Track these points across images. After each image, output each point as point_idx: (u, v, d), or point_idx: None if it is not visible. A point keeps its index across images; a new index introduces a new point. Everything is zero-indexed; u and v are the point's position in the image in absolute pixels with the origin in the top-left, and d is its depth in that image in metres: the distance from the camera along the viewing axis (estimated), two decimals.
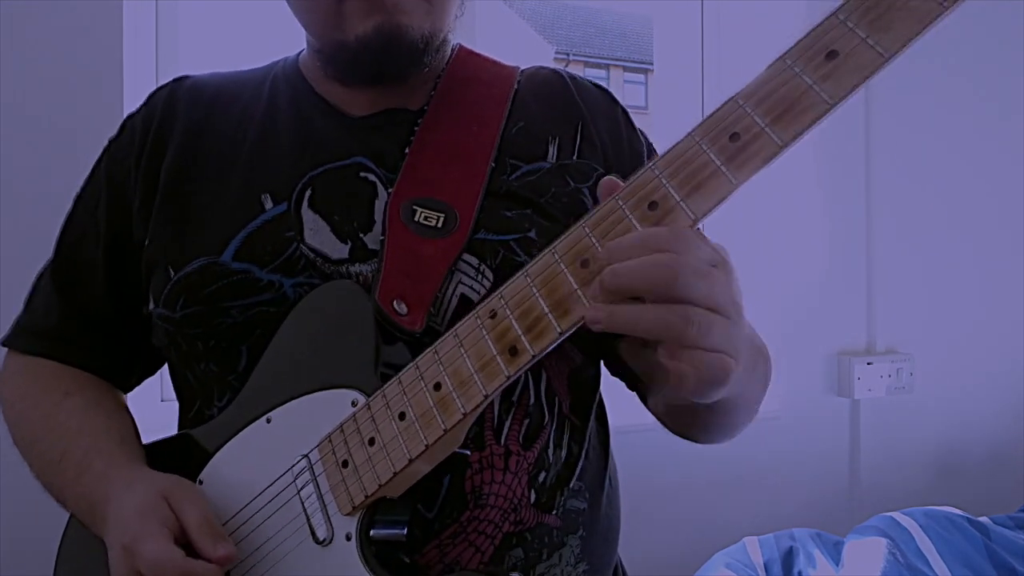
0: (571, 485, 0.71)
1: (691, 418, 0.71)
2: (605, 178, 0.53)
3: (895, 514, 1.45)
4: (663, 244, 0.47)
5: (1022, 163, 1.94)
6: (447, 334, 0.57)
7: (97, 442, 0.72)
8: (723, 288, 0.48)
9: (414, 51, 0.71)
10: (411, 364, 0.59)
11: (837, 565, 1.39)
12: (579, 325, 0.52)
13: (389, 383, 0.60)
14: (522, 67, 0.84)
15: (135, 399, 0.84)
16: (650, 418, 0.76)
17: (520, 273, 0.54)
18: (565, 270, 0.52)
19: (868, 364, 1.76)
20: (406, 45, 0.70)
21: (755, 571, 1.40)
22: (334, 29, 0.71)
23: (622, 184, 0.52)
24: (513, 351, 0.53)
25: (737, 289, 0.50)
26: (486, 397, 0.54)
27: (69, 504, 0.73)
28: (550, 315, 0.52)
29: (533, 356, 0.52)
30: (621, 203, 0.51)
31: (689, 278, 0.46)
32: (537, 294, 0.53)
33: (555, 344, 0.52)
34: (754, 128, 0.48)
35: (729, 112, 0.49)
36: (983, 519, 1.47)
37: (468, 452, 0.63)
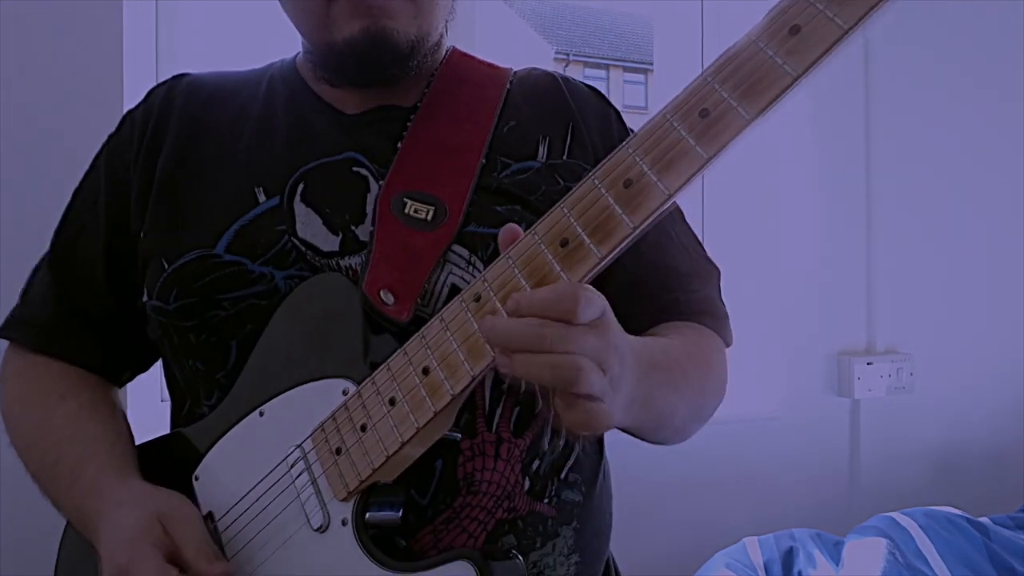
0: (563, 476, 0.72)
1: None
2: (506, 225, 0.56)
3: (895, 514, 1.45)
4: (540, 309, 0.51)
5: (1023, 163, 1.93)
6: (433, 319, 0.58)
7: (88, 449, 0.72)
8: (594, 342, 0.51)
9: (399, 55, 0.72)
10: (399, 350, 0.60)
11: (837, 565, 1.39)
12: None
13: (378, 370, 0.61)
14: (515, 69, 0.85)
15: (135, 399, 0.84)
16: None
17: (502, 256, 0.55)
18: (546, 250, 0.53)
19: (868, 364, 1.76)
20: (391, 49, 0.71)
21: (755, 571, 1.40)
22: (323, 31, 0.72)
23: (521, 232, 0.55)
24: None
25: (612, 340, 0.53)
26: (473, 378, 0.55)
27: (63, 511, 0.74)
28: None
29: None
30: (598, 183, 0.52)
31: (556, 343, 0.50)
32: (519, 275, 0.54)
33: None
34: (722, 104, 0.49)
35: (699, 89, 0.51)
36: (983, 519, 1.47)
37: (459, 436, 0.64)
